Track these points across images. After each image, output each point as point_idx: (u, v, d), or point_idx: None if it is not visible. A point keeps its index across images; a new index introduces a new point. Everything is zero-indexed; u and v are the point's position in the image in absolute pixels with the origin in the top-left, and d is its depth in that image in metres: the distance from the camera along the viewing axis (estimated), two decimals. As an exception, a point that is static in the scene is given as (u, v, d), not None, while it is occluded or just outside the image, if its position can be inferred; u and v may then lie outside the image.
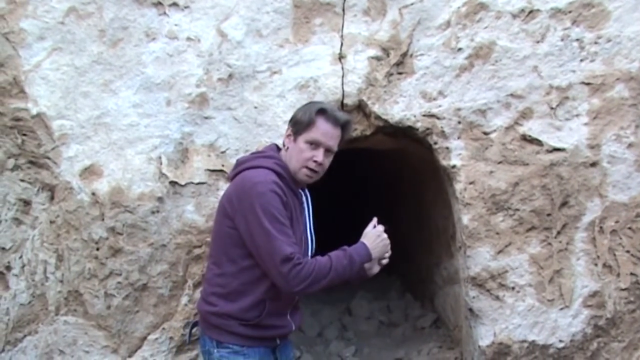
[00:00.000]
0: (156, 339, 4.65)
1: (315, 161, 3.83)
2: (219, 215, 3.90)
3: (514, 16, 4.78)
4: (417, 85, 4.78)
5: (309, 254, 3.94)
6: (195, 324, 4.26)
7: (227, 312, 3.81)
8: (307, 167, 3.85)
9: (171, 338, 4.64)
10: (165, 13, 4.72)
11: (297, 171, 3.87)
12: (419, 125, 4.76)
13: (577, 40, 4.78)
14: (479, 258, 4.72)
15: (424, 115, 4.76)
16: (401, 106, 4.76)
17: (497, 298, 4.73)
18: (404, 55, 4.80)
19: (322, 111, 3.86)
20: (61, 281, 4.62)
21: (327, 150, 3.87)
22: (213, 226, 4.05)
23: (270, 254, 3.63)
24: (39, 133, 4.59)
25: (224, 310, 3.82)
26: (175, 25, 4.72)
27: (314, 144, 3.84)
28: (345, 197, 10.22)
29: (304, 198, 3.99)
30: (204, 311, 3.92)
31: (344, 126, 3.94)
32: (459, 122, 4.75)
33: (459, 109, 4.76)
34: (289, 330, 4.00)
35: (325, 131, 3.84)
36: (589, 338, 4.75)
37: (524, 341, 4.74)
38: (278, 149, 4.05)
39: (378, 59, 4.79)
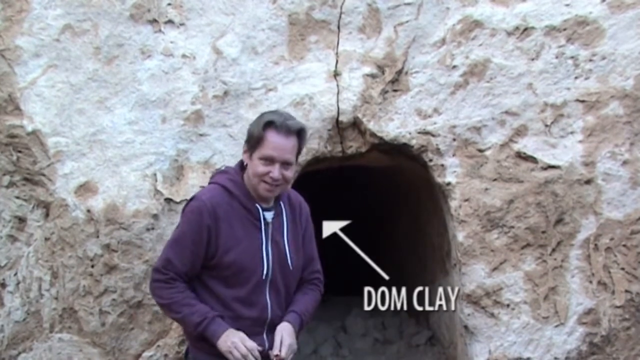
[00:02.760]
0: (151, 356, 4.64)
1: (271, 177, 3.62)
2: None
3: (509, 34, 4.80)
4: (412, 103, 4.79)
5: (270, 270, 3.74)
6: None
7: None
8: (264, 182, 3.65)
9: (166, 355, 4.63)
10: (160, 30, 4.73)
11: (257, 187, 3.68)
12: (414, 142, 4.76)
13: (572, 57, 4.79)
14: (474, 275, 4.72)
15: (419, 133, 4.76)
16: (396, 123, 4.77)
17: (492, 315, 4.72)
18: (399, 72, 4.81)
19: (270, 124, 3.62)
20: (56, 298, 4.61)
21: (285, 163, 3.65)
22: None
23: (159, 256, 3.77)
24: (34, 150, 4.60)
25: None
26: (171, 42, 4.73)
27: (268, 160, 3.62)
28: (343, 213, 10.21)
29: (261, 214, 3.75)
30: None
31: (298, 134, 3.70)
32: (454, 140, 4.76)
33: (454, 126, 4.76)
34: (262, 350, 3.68)
35: (276, 145, 3.61)
36: (584, 355, 4.74)
37: (519, 358, 4.73)
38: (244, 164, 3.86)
39: (373, 76, 4.80)
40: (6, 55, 4.62)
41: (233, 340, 3.55)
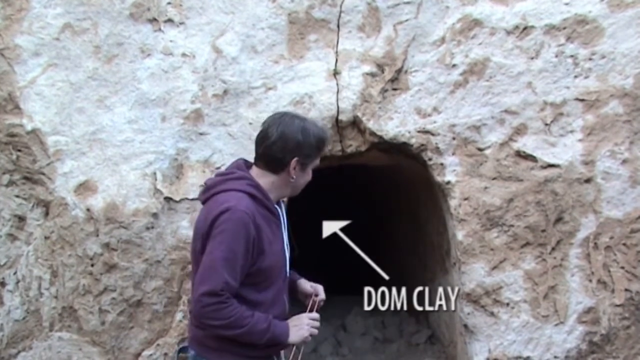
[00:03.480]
0: (150, 355, 4.65)
1: None
2: (195, 239, 3.72)
3: (508, 32, 4.79)
4: (412, 102, 4.79)
5: (287, 267, 3.81)
6: (182, 350, 4.00)
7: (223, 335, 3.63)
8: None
9: (165, 354, 4.63)
10: (160, 29, 4.73)
11: (295, 192, 3.81)
12: (413, 141, 4.76)
13: (572, 56, 4.79)
14: (474, 274, 4.72)
15: (418, 132, 4.76)
16: (396, 122, 4.77)
17: (492, 314, 4.72)
18: (399, 71, 4.81)
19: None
20: (55, 297, 4.62)
21: None
22: (191, 247, 3.84)
23: (204, 278, 3.49)
24: (34, 149, 4.60)
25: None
26: (171, 41, 4.73)
27: None
28: (344, 212, 10.20)
29: (280, 213, 3.79)
30: (200, 335, 3.70)
31: None
32: (454, 138, 4.76)
33: (453, 125, 4.76)
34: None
35: None
36: (584, 354, 4.74)
37: (518, 357, 4.73)
38: (246, 165, 3.82)
39: (373, 75, 4.80)
40: (6, 54, 4.63)
41: (303, 322, 3.68)
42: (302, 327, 3.63)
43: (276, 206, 3.76)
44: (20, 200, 4.65)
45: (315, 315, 3.70)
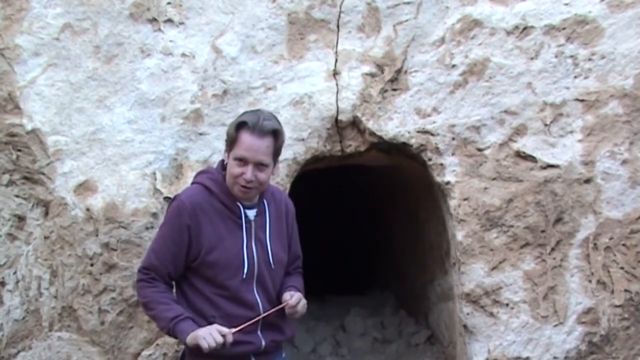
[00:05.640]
0: (150, 355, 4.64)
1: (244, 178, 3.59)
2: None
3: (508, 33, 4.80)
4: (412, 102, 4.79)
5: (251, 268, 3.72)
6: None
7: None
8: (238, 183, 3.62)
9: (165, 354, 4.63)
10: (160, 29, 4.73)
11: (232, 187, 3.66)
12: (413, 141, 4.76)
13: (571, 56, 4.79)
14: (473, 274, 4.72)
15: (418, 132, 4.76)
16: (395, 122, 4.77)
17: (491, 314, 4.72)
18: (399, 71, 4.81)
19: (243, 125, 3.59)
20: (55, 297, 4.61)
21: (260, 164, 3.60)
22: None
23: (144, 256, 3.83)
24: (34, 149, 4.60)
25: None
26: (170, 41, 4.73)
27: (242, 160, 3.58)
28: (342, 213, 10.21)
29: (242, 212, 3.72)
30: None
31: (273, 135, 3.63)
32: (453, 139, 4.76)
33: (453, 126, 4.76)
34: (256, 348, 3.73)
35: (249, 146, 3.57)
36: (583, 355, 4.74)
37: (518, 358, 4.73)
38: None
39: (372, 75, 4.80)
40: (6, 54, 4.63)
41: (204, 332, 3.49)
42: (200, 333, 3.50)
43: (239, 204, 3.71)
44: (20, 200, 4.65)
45: (224, 330, 3.52)
